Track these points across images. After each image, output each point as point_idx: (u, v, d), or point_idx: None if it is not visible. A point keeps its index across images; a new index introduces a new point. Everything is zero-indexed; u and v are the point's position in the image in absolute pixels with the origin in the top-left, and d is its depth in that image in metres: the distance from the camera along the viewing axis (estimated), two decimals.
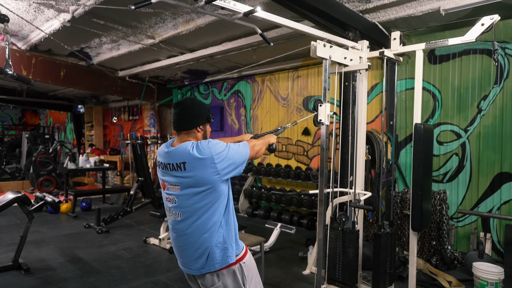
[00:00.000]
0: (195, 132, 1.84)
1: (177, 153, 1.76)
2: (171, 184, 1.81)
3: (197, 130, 1.84)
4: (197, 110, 1.84)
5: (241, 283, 1.80)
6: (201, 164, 1.69)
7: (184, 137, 1.83)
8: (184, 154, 1.73)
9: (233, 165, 1.75)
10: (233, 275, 1.79)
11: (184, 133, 1.83)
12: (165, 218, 4.74)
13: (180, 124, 1.83)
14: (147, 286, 3.52)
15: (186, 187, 1.75)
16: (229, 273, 1.79)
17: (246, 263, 1.85)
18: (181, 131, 1.84)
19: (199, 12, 2.36)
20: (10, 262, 3.87)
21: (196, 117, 1.83)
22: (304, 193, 5.44)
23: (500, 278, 3.23)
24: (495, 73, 4.06)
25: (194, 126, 1.82)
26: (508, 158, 4.00)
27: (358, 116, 3.20)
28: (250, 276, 1.84)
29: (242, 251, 1.86)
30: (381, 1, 3.65)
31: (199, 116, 1.84)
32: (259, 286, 1.91)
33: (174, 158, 1.76)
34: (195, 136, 1.84)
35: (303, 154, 6.06)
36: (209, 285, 1.79)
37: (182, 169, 1.73)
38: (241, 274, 1.81)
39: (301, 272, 3.87)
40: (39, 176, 8.50)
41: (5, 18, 2.73)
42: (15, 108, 13.10)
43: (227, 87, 7.43)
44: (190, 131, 1.83)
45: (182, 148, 1.75)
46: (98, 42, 5.56)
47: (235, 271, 1.80)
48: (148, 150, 9.02)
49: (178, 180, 1.76)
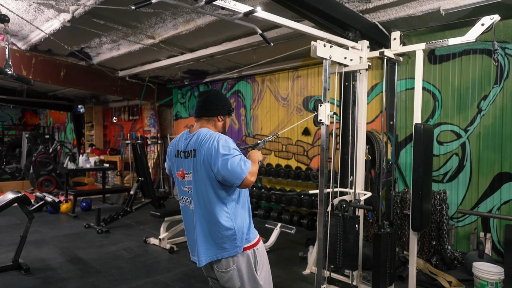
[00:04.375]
0: (215, 121, 1.92)
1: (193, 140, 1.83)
2: (186, 173, 1.87)
3: (218, 119, 1.92)
4: (221, 101, 1.94)
5: (253, 267, 1.85)
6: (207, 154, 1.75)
7: (204, 123, 1.91)
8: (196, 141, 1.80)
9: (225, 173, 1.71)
10: (247, 259, 1.85)
11: (204, 119, 1.91)
12: (165, 218, 4.74)
13: (203, 110, 1.91)
14: (147, 286, 3.52)
15: (197, 175, 1.80)
16: (243, 256, 1.84)
17: (259, 249, 1.90)
18: (202, 117, 1.92)
19: (199, 12, 2.36)
20: (10, 262, 3.87)
21: (220, 106, 1.92)
22: (304, 193, 5.44)
23: (500, 278, 3.23)
24: (495, 73, 4.06)
25: (216, 114, 1.91)
26: (508, 158, 4.00)
27: (358, 116, 3.20)
28: (261, 263, 1.89)
29: (256, 238, 1.91)
30: (381, 1, 3.65)
31: (222, 106, 1.93)
32: (268, 276, 1.95)
33: (191, 144, 1.84)
34: (215, 124, 1.92)
35: (303, 154, 6.05)
36: (224, 268, 1.84)
37: (192, 155, 1.81)
38: (254, 259, 1.86)
39: (301, 272, 3.87)
40: (39, 176, 8.50)
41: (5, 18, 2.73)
42: (15, 108, 13.10)
43: (227, 87, 7.43)
44: (211, 118, 1.91)
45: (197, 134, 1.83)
46: (98, 42, 5.56)
47: (249, 255, 1.85)
48: (148, 150, 9.02)
49: (191, 168, 1.83)
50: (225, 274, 1.83)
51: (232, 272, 1.82)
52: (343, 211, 2.97)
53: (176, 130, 8.79)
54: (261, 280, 1.86)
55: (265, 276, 1.90)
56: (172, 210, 5.03)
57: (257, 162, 1.92)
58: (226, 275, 1.83)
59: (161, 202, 6.62)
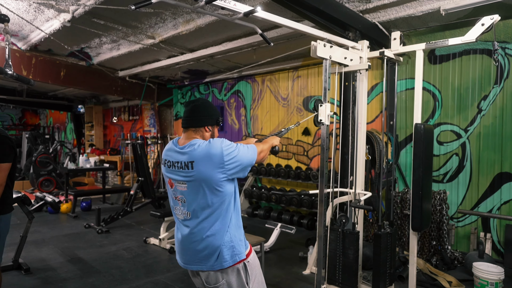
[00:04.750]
0: (203, 131, 1.86)
1: (186, 152, 1.77)
2: (178, 182, 1.81)
3: (205, 129, 1.86)
4: (208, 111, 1.87)
5: (244, 281, 1.81)
6: (210, 161, 1.70)
7: (191, 134, 1.85)
8: (193, 153, 1.74)
9: (240, 166, 1.76)
10: (237, 274, 1.80)
11: (191, 130, 1.85)
12: (165, 218, 4.73)
13: (190, 121, 1.85)
14: (147, 286, 3.52)
15: (194, 186, 1.75)
16: (233, 271, 1.80)
17: (250, 261, 1.86)
18: (189, 128, 1.86)
19: (199, 12, 2.36)
20: (10, 262, 3.88)
21: (206, 116, 1.86)
22: (304, 193, 5.44)
23: (500, 278, 3.23)
24: (495, 73, 4.06)
25: (202, 124, 1.85)
26: (508, 158, 4.00)
27: (358, 116, 3.20)
28: (253, 275, 1.86)
29: (247, 250, 1.87)
30: (381, 1, 3.65)
31: (209, 116, 1.87)
32: (262, 286, 1.92)
33: (183, 156, 1.77)
34: (202, 135, 1.85)
35: (303, 154, 6.05)
36: (213, 282, 1.80)
37: (190, 168, 1.74)
38: (245, 272, 1.82)
39: (301, 272, 3.87)
40: (39, 176, 8.49)
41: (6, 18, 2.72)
42: (15, 108, 13.10)
43: (227, 87, 7.43)
44: (198, 129, 1.85)
45: (191, 146, 1.76)
46: (98, 42, 5.56)
47: (239, 269, 1.81)
48: (148, 150, 9.02)
49: (186, 179, 1.77)
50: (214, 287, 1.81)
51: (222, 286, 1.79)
52: (342, 227, 2.95)
53: (176, 130, 8.80)
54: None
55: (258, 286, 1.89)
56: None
57: (269, 143, 2.03)
58: None
59: (161, 202, 6.61)
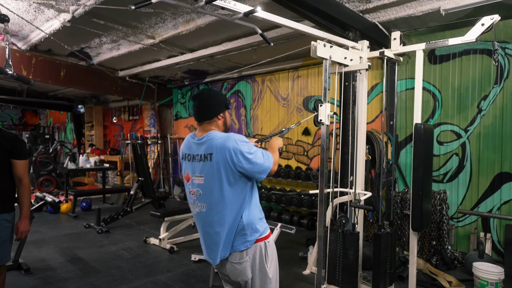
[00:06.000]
0: (216, 121, 1.93)
1: (204, 142, 1.85)
2: (196, 175, 1.88)
3: (218, 118, 1.93)
4: (216, 99, 1.93)
5: (264, 259, 1.91)
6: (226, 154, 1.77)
7: (207, 126, 1.92)
8: (211, 144, 1.82)
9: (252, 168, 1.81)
10: (259, 251, 1.90)
11: (206, 123, 1.92)
12: (165, 218, 4.74)
13: (202, 115, 1.91)
14: (147, 286, 3.52)
15: (211, 178, 1.82)
16: (256, 248, 1.89)
17: (270, 242, 1.96)
18: (203, 121, 1.92)
19: (199, 12, 2.36)
20: (10, 262, 3.87)
21: (216, 106, 1.92)
22: (304, 193, 5.44)
23: (500, 278, 3.23)
24: (495, 73, 4.06)
25: (215, 115, 1.91)
26: (508, 158, 4.00)
27: (358, 116, 3.20)
28: (271, 256, 1.95)
29: (267, 232, 1.96)
30: (381, 1, 3.65)
31: (218, 104, 1.93)
32: (276, 270, 2.01)
33: (202, 147, 1.86)
34: (217, 124, 1.93)
35: (303, 154, 6.05)
36: (238, 259, 1.88)
37: (209, 159, 1.82)
38: (265, 251, 1.92)
39: (301, 272, 3.87)
40: (39, 176, 8.49)
41: (6, 18, 2.72)
42: (15, 108, 13.10)
43: (227, 87, 7.43)
44: (212, 120, 1.92)
45: (209, 137, 1.85)
46: (98, 42, 5.56)
47: (261, 247, 1.90)
48: (148, 150, 9.02)
49: (204, 171, 1.84)
50: (238, 266, 1.88)
51: (245, 264, 1.88)
52: (342, 227, 2.95)
53: (176, 130, 8.79)
54: (270, 273, 1.93)
55: (274, 270, 1.97)
56: (172, 210, 5.03)
57: (277, 150, 2.07)
58: (239, 267, 1.88)
59: (161, 202, 6.62)
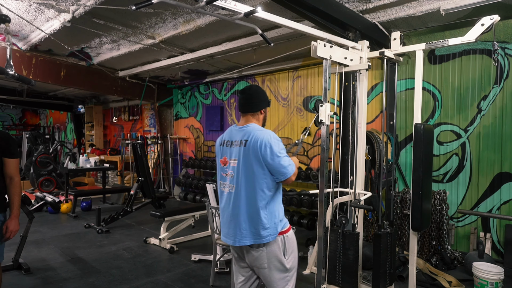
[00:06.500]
0: (258, 114, 2.19)
1: (244, 130, 2.10)
2: (232, 159, 2.09)
3: (260, 112, 2.19)
4: (261, 96, 2.19)
5: (282, 251, 2.07)
6: (258, 146, 1.99)
7: (250, 118, 2.17)
8: (249, 133, 2.05)
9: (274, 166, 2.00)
10: (277, 244, 2.05)
11: (250, 115, 2.17)
12: (165, 218, 4.72)
13: (248, 107, 2.17)
14: (148, 286, 3.53)
15: (244, 162, 2.02)
16: (275, 241, 2.04)
17: (289, 236, 2.12)
18: (247, 113, 2.17)
19: (199, 12, 2.36)
20: (11, 262, 3.87)
21: (262, 101, 2.19)
22: (304, 193, 5.44)
23: (500, 278, 3.23)
24: (495, 73, 4.06)
25: (259, 108, 2.17)
26: (508, 158, 4.00)
27: (358, 116, 3.20)
28: (290, 249, 2.12)
29: (287, 226, 2.13)
30: (381, 1, 3.65)
31: (264, 100, 2.20)
32: (295, 261, 2.17)
33: (241, 133, 2.09)
34: (258, 117, 2.19)
35: (303, 154, 6.06)
36: (255, 246, 2.04)
37: (244, 145, 2.04)
38: (283, 244, 2.08)
39: (301, 272, 3.86)
40: (40, 176, 8.49)
41: (6, 18, 2.73)
42: (16, 108, 13.11)
43: (227, 87, 7.43)
44: (255, 113, 2.17)
45: (249, 127, 2.09)
46: (98, 42, 5.57)
47: (279, 240, 2.06)
48: (148, 150, 9.02)
49: (238, 155, 2.05)
50: (255, 252, 2.04)
51: (261, 253, 2.03)
52: (342, 227, 2.95)
53: (176, 130, 8.79)
54: (288, 264, 2.09)
55: (293, 261, 2.13)
56: (172, 210, 5.03)
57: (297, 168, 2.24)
58: (255, 253, 2.04)
59: (161, 202, 6.62)
